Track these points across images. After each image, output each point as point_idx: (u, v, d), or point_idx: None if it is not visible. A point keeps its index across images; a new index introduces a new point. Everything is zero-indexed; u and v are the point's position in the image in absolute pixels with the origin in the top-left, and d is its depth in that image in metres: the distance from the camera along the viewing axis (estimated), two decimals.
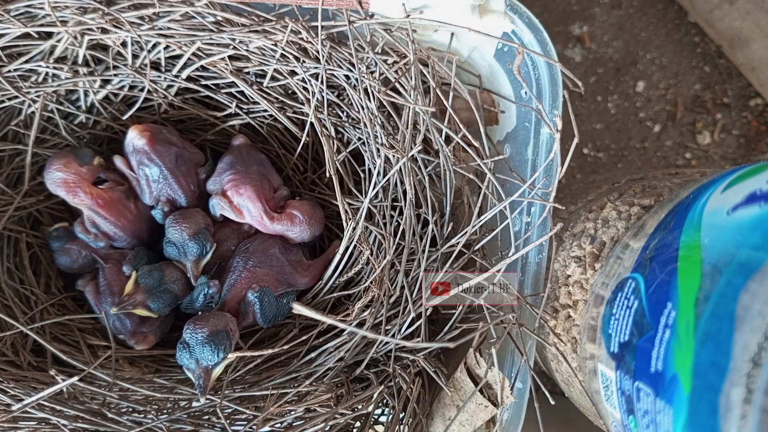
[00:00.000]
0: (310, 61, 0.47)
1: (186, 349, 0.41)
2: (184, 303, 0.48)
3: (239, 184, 0.49)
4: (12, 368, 0.45)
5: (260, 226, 0.50)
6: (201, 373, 0.41)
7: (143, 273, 0.47)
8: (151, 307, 0.46)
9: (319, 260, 0.52)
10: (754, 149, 0.84)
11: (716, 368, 0.27)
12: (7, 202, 0.52)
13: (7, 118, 0.52)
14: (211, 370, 0.41)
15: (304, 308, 0.46)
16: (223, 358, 0.41)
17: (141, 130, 0.49)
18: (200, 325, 0.42)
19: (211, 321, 0.42)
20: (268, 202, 0.50)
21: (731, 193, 0.32)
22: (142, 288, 0.46)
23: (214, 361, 0.41)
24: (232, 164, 0.51)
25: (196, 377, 0.41)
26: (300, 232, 0.51)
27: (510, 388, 0.41)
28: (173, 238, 0.47)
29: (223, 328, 0.42)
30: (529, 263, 0.43)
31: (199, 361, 0.41)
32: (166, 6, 0.45)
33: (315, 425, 0.42)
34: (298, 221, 0.50)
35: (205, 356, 0.41)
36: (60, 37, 0.48)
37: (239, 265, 0.49)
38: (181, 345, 0.42)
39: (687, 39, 0.84)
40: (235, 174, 0.50)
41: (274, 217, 0.50)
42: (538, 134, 0.43)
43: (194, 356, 0.41)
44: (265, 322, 0.47)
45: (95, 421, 0.42)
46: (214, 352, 0.41)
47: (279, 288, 0.49)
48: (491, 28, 0.42)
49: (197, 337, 0.41)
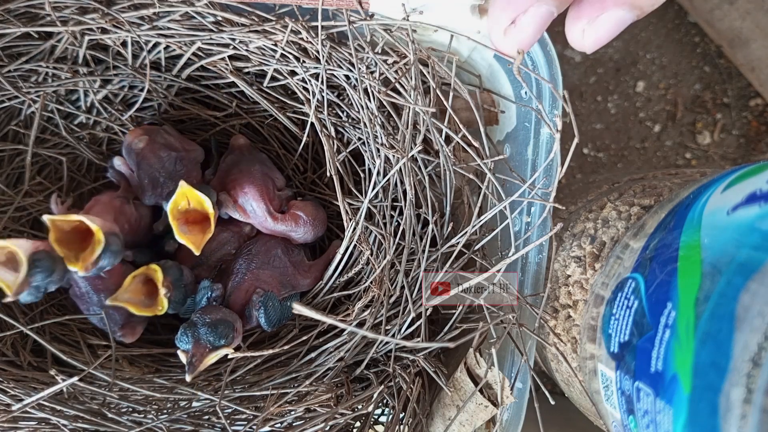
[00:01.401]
0: (310, 61, 0.47)
1: (189, 329, 0.41)
2: (185, 308, 0.47)
3: (243, 183, 0.49)
4: (12, 368, 0.46)
5: (263, 226, 0.50)
6: (196, 353, 0.40)
7: (168, 266, 0.46)
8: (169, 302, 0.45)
9: (320, 261, 0.52)
10: (754, 149, 0.84)
11: (716, 368, 0.27)
12: (7, 202, 0.52)
13: (7, 118, 0.52)
14: (207, 353, 0.40)
15: (304, 308, 0.46)
16: (223, 345, 0.41)
17: (138, 134, 0.49)
18: (211, 310, 0.42)
19: (222, 311, 0.43)
20: (272, 202, 0.50)
21: (731, 193, 0.32)
22: (169, 279, 0.45)
23: (213, 344, 0.41)
24: (235, 164, 0.51)
25: (189, 356, 0.40)
26: (303, 233, 0.51)
27: (510, 388, 0.41)
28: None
29: (231, 321, 0.43)
30: (529, 263, 0.43)
31: (199, 340, 0.40)
32: (166, 6, 0.45)
33: (315, 425, 0.42)
34: (302, 222, 0.50)
35: (206, 336, 0.40)
36: (60, 37, 0.48)
37: (242, 268, 0.48)
38: (186, 324, 0.41)
39: (687, 39, 0.84)
40: (239, 173, 0.50)
41: (278, 218, 0.50)
42: (538, 134, 0.43)
43: (195, 335, 0.41)
44: (270, 326, 0.46)
45: (95, 421, 0.42)
46: (217, 336, 0.41)
47: (282, 291, 0.48)
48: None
49: (205, 319, 0.41)
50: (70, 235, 0.42)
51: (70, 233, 0.42)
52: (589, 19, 0.30)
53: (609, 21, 0.29)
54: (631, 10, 0.29)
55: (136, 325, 0.48)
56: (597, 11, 0.29)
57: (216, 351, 0.41)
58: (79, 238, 0.42)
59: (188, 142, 0.53)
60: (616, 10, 0.29)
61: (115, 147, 0.56)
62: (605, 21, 0.29)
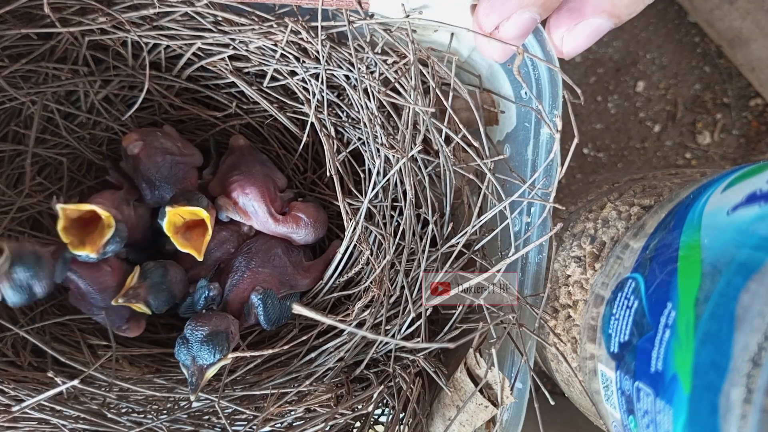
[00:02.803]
0: (310, 62, 0.47)
1: (185, 344, 0.41)
2: (184, 307, 0.48)
3: (244, 184, 0.49)
4: (12, 369, 0.45)
5: (264, 227, 0.50)
6: (195, 371, 0.41)
7: (148, 268, 0.46)
8: (151, 304, 0.46)
9: (320, 261, 0.52)
10: (754, 149, 0.84)
11: (716, 368, 0.27)
12: (8, 203, 0.52)
13: (7, 118, 0.52)
14: (206, 370, 0.41)
15: (304, 309, 0.46)
16: (220, 359, 0.41)
17: (133, 140, 0.49)
18: (201, 323, 0.42)
19: (213, 321, 0.43)
20: (273, 203, 0.50)
21: (731, 193, 0.32)
22: (146, 283, 0.46)
23: (210, 361, 0.41)
24: (236, 165, 0.50)
25: (189, 374, 0.41)
26: (305, 234, 0.51)
27: (510, 388, 0.41)
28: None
29: (224, 329, 0.42)
30: (529, 263, 0.43)
31: (195, 359, 0.41)
32: (166, 6, 0.45)
33: (315, 425, 0.42)
34: (303, 224, 0.50)
35: (202, 355, 0.41)
36: (60, 38, 0.48)
37: (242, 266, 0.48)
38: (180, 340, 0.42)
39: (687, 39, 0.84)
40: (240, 174, 0.50)
41: (279, 219, 0.50)
42: (538, 134, 0.43)
43: (191, 353, 0.41)
44: (269, 324, 0.47)
45: (95, 421, 0.42)
46: (211, 353, 0.41)
47: (281, 290, 0.48)
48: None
49: (197, 335, 0.41)
50: (77, 223, 0.43)
51: (77, 222, 0.43)
52: (568, 27, 0.30)
53: (587, 29, 0.30)
54: (608, 18, 0.30)
55: (140, 318, 0.49)
56: (575, 19, 0.30)
57: (214, 366, 0.41)
58: (84, 230, 0.44)
59: (187, 145, 0.53)
60: (594, 18, 0.30)
61: (116, 147, 0.56)
62: (583, 29, 0.30)
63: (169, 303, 0.47)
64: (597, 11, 0.29)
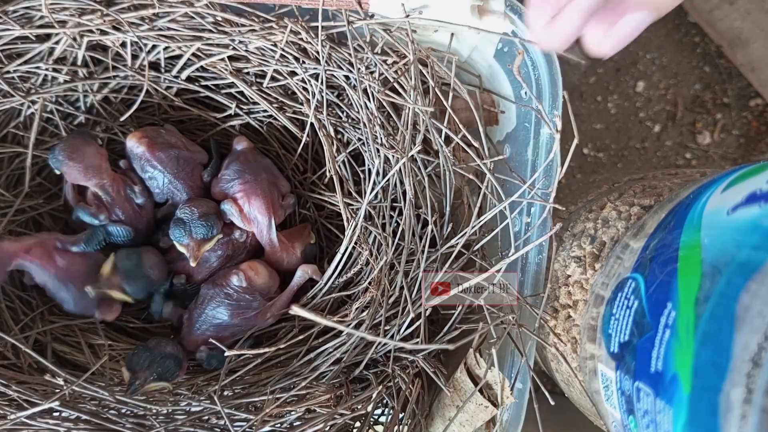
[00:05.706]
0: (309, 62, 0.47)
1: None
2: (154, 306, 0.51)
3: (250, 193, 0.50)
4: (12, 370, 0.45)
5: (262, 236, 0.51)
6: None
7: (121, 256, 0.48)
8: (127, 291, 0.47)
9: (283, 296, 0.51)
10: (754, 149, 0.84)
11: (716, 368, 0.26)
12: (8, 204, 0.52)
13: (7, 119, 0.52)
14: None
15: (302, 310, 0.46)
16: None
17: (139, 137, 0.49)
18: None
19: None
20: (276, 213, 0.50)
21: (731, 193, 0.32)
22: (120, 271, 0.47)
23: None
24: (241, 172, 0.50)
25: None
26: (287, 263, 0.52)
27: (510, 389, 0.41)
28: (182, 216, 0.48)
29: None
30: (529, 263, 0.43)
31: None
32: (166, 6, 0.45)
33: (314, 426, 0.42)
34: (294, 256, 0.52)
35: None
36: (59, 39, 0.48)
37: (206, 318, 0.49)
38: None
39: (687, 39, 0.84)
40: (245, 183, 0.50)
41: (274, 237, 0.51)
42: (538, 134, 0.43)
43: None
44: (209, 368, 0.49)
45: (94, 422, 0.42)
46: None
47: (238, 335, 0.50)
48: (491, 29, 0.42)
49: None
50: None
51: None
52: (610, 23, 0.30)
53: (630, 24, 0.30)
54: (651, 12, 0.29)
55: (112, 303, 0.49)
56: (618, 15, 0.30)
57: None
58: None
59: (191, 143, 0.53)
60: (637, 13, 0.29)
61: (115, 147, 0.56)
62: (626, 24, 0.30)
63: (147, 289, 0.49)
64: (640, 5, 0.29)
